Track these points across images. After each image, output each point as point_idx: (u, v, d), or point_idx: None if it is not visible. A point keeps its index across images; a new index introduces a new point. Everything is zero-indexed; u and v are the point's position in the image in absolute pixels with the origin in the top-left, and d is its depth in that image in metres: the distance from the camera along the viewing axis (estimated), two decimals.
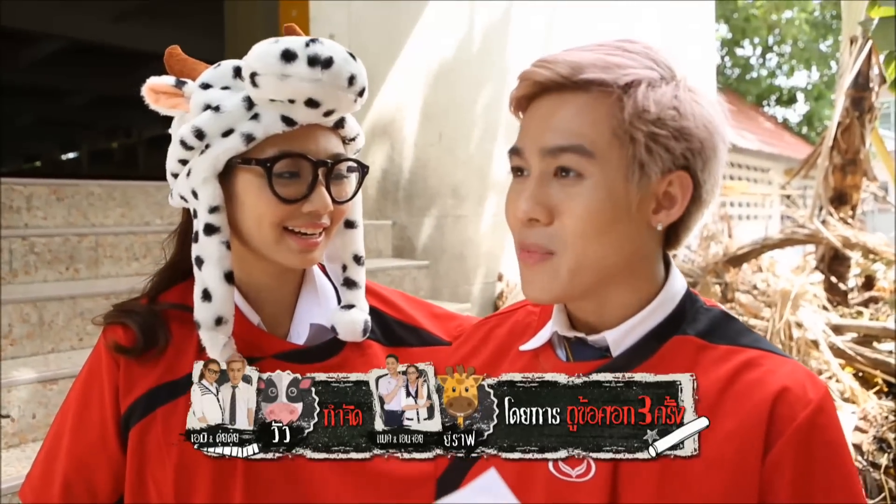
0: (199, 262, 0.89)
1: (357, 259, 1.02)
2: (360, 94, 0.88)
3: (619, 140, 0.76)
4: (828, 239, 4.65)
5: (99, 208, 2.95)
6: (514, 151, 0.83)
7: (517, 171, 0.84)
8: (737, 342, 0.81)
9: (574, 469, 0.79)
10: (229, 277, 0.89)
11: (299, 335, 0.98)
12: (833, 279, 5.00)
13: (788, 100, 19.93)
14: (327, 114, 0.88)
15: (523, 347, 0.90)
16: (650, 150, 0.76)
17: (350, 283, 1.01)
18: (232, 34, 4.68)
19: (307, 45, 0.84)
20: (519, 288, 4.65)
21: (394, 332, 1.04)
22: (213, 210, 0.88)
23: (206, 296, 0.88)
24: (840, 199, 5.16)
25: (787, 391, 0.75)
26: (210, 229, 0.88)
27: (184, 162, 0.91)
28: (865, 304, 4.92)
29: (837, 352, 3.74)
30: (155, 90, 0.92)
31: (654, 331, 0.83)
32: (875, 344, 3.95)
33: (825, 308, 4.32)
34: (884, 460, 3.14)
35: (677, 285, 0.86)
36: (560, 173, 0.79)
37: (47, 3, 7.75)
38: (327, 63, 0.83)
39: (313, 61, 0.83)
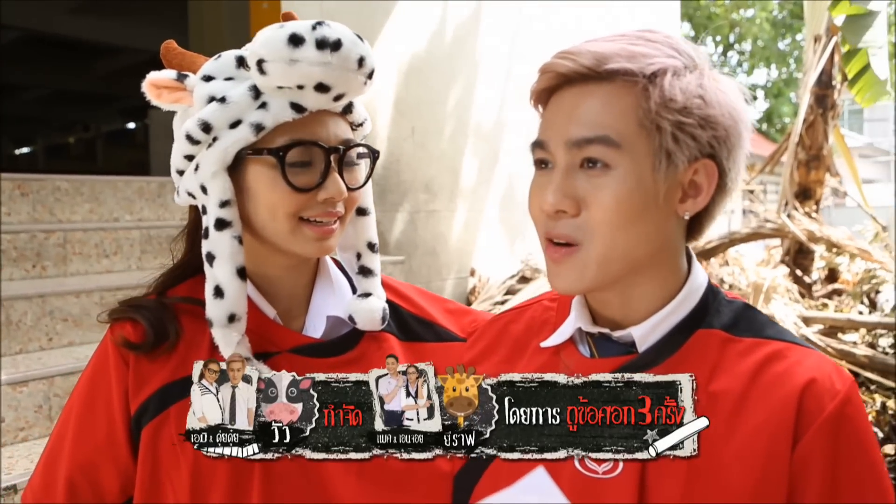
0: (210, 258, 0.87)
1: (371, 246, 1.00)
2: (370, 76, 0.87)
3: (645, 130, 0.77)
4: (794, 233, 4.73)
5: (66, 204, 2.89)
6: (538, 144, 0.83)
7: (541, 164, 0.83)
8: (761, 334, 0.81)
9: (601, 465, 0.79)
10: (242, 273, 0.87)
11: (316, 328, 0.96)
12: (798, 272, 5.10)
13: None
14: (337, 98, 0.86)
15: (544, 344, 0.89)
16: (677, 138, 0.76)
17: (366, 272, 0.99)
18: (196, 26, 4.59)
19: (314, 27, 0.82)
20: (491, 282, 4.67)
21: (409, 326, 1.02)
22: (223, 204, 0.86)
23: (218, 292, 0.86)
24: (804, 193, 5.26)
25: (815, 383, 0.75)
26: (221, 224, 0.86)
27: (189, 158, 0.88)
28: (829, 296, 5.02)
29: (808, 343, 3.82)
30: (156, 85, 0.89)
31: (679, 325, 0.83)
32: (839, 335, 4.04)
33: (795, 300, 4.40)
34: None
35: (700, 278, 0.86)
36: (586, 164, 0.78)
37: None
38: (336, 45, 0.82)
39: (322, 44, 0.81)
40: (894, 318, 4.04)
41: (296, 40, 0.81)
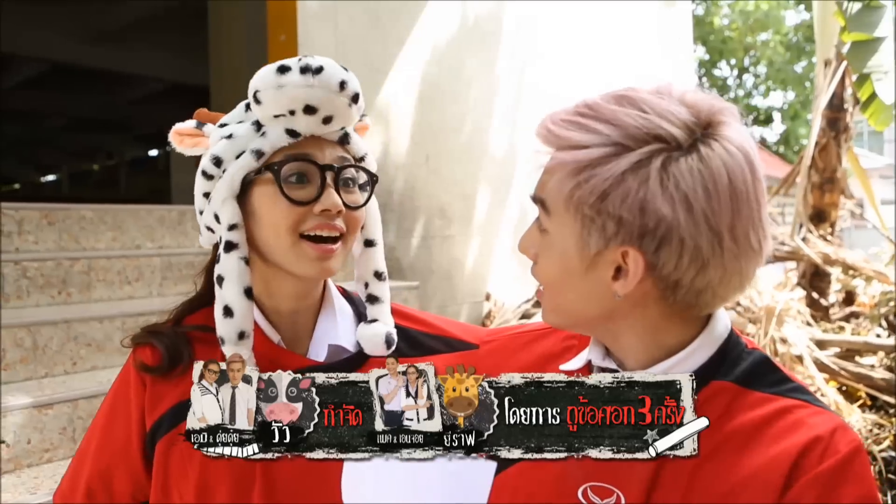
0: (220, 280, 0.93)
1: (378, 275, 1.05)
2: (354, 99, 0.94)
3: (566, 207, 0.78)
4: (809, 256, 4.71)
5: (90, 232, 2.97)
6: None
7: None
8: (774, 390, 0.81)
9: (603, 500, 0.80)
10: (249, 293, 0.93)
11: (318, 355, 1.01)
12: (814, 295, 5.06)
13: (765, 119, 20.24)
14: (326, 120, 0.93)
15: (563, 367, 0.92)
16: (584, 224, 0.77)
17: (373, 299, 1.04)
18: (217, 58, 4.69)
19: (300, 59, 0.91)
20: (506, 307, 4.69)
21: (420, 342, 1.07)
22: (231, 227, 0.93)
23: (228, 312, 0.92)
24: (819, 216, 5.24)
25: (817, 440, 0.75)
26: (229, 246, 0.93)
27: (207, 195, 0.97)
28: (846, 319, 4.97)
29: (821, 366, 3.78)
30: (179, 133, 1.00)
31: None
32: (857, 358, 4.00)
33: (808, 324, 4.37)
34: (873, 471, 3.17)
35: (718, 330, 0.84)
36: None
37: (25, 26, 7.74)
38: (318, 70, 0.90)
39: (305, 69, 0.90)
40: None
41: (283, 69, 0.91)
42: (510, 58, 5.03)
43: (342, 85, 0.92)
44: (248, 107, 0.97)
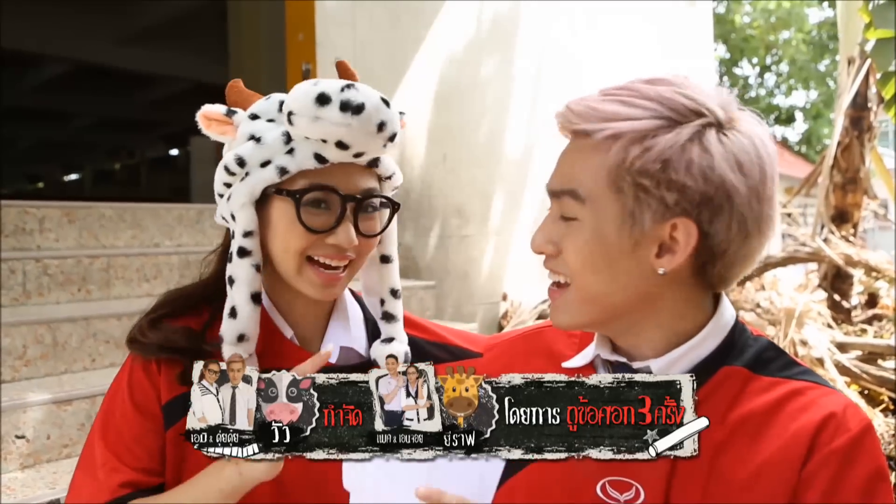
0: (231, 280, 0.94)
1: (394, 293, 1.05)
2: (391, 139, 0.92)
3: (613, 186, 0.78)
4: (830, 257, 4.66)
5: (110, 230, 3.01)
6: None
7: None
8: (784, 374, 0.83)
9: (622, 494, 0.81)
10: (256, 298, 0.94)
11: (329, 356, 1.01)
12: (836, 297, 5.01)
13: (787, 119, 20.01)
14: (357, 155, 0.92)
15: (567, 364, 0.92)
16: (639, 199, 0.77)
17: (389, 317, 1.04)
18: (236, 59, 4.74)
19: (342, 89, 0.88)
20: (523, 307, 4.68)
21: (425, 351, 1.07)
22: (246, 234, 0.93)
23: (233, 313, 0.93)
24: (841, 217, 5.19)
25: (831, 417, 0.77)
26: (242, 252, 0.93)
27: (228, 185, 0.96)
28: (869, 321, 4.91)
29: (842, 369, 3.74)
30: (207, 117, 0.97)
31: (702, 362, 0.84)
32: (880, 361, 3.95)
33: (829, 326, 4.33)
34: (892, 478, 3.14)
35: (725, 317, 0.86)
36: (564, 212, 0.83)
37: (50, 26, 7.86)
38: (358, 109, 0.87)
39: (345, 107, 0.87)
40: None
41: (323, 100, 0.87)
42: (527, 59, 5.02)
43: (381, 126, 0.89)
44: (281, 106, 0.94)
